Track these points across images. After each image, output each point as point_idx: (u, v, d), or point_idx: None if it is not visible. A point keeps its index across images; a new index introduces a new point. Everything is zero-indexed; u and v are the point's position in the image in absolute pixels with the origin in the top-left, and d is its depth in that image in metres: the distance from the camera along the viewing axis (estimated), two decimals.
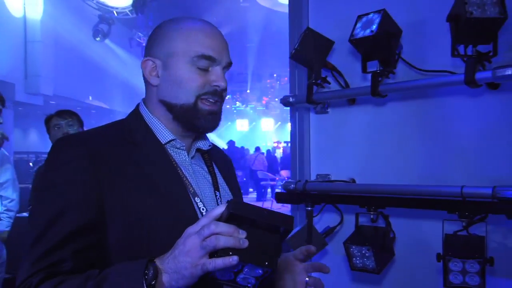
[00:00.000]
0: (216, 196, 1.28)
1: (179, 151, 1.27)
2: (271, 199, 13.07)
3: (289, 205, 2.31)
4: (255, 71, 22.17)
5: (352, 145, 2.04)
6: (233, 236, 0.96)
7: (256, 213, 0.96)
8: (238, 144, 18.65)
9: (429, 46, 1.78)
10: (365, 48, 1.76)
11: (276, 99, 23.10)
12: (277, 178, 14.50)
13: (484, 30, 1.49)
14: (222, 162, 1.42)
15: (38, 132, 16.04)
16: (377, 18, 1.67)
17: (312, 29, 1.93)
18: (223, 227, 0.95)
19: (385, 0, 1.76)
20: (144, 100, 1.31)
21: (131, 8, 10.69)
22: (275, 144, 20.15)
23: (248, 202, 0.99)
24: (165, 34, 1.24)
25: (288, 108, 2.23)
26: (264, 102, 25.43)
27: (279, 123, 26.03)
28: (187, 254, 0.97)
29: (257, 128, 26.96)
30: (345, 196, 1.88)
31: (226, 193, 1.33)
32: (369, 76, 1.79)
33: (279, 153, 18.40)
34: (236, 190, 1.41)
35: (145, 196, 1.14)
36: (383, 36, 1.66)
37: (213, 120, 1.26)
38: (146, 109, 1.28)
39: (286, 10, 2.29)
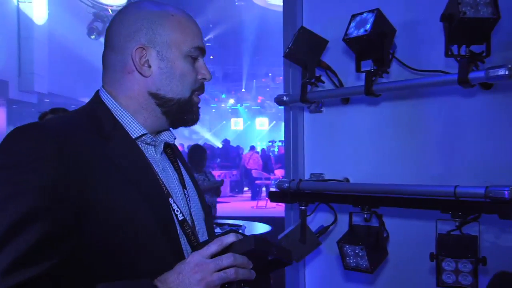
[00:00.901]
0: (185, 194, 1.20)
1: (147, 146, 1.17)
2: (266, 198, 13.07)
3: (283, 204, 2.31)
4: (250, 70, 22.21)
5: (346, 144, 2.04)
6: (246, 269, 0.98)
7: (269, 249, 1.00)
8: (233, 143, 18.65)
9: (423, 46, 1.79)
10: (359, 48, 1.75)
11: (271, 98, 23.08)
12: (272, 177, 14.51)
13: (478, 30, 1.49)
14: (180, 156, 1.33)
15: None
16: (371, 18, 1.67)
17: (306, 28, 1.93)
18: (241, 259, 0.96)
19: (379, 0, 1.76)
20: (107, 88, 1.17)
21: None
22: (270, 143, 20.14)
23: (260, 237, 1.02)
24: (154, 21, 1.13)
25: (283, 107, 2.23)
26: (259, 101, 25.46)
27: (274, 122, 26.05)
28: (199, 283, 0.94)
29: (252, 127, 26.96)
30: (339, 195, 1.88)
31: (192, 190, 1.26)
32: (363, 75, 1.79)
33: (272, 152, 18.41)
34: (197, 184, 1.34)
35: (123, 197, 1.03)
36: (377, 35, 1.66)
37: (199, 113, 1.22)
38: (112, 99, 1.15)
39: (281, 9, 2.29)
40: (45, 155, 0.97)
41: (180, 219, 1.12)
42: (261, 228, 5.43)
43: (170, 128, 1.26)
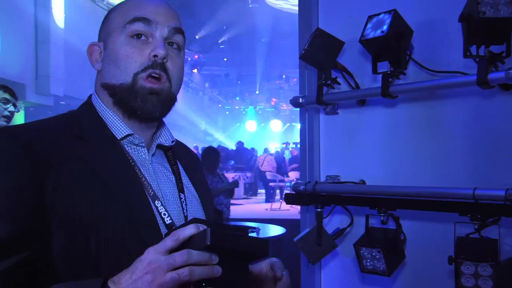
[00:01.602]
0: (180, 198, 1.15)
1: (137, 148, 1.12)
2: (280, 200, 13.06)
3: (298, 206, 2.30)
4: (264, 72, 22.23)
5: (362, 146, 2.03)
6: (207, 266, 0.85)
7: (235, 242, 0.86)
8: (246, 145, 18.67)
9: (440, 47, 1.77)
10: (375, 49, 1.74)
11: (285, 100, 23.14)
12: (285, 180, 14.48)
13: (497, 30, 1.47)
14: (188, 159, 1.29)
15: None
16: (388, 19, 1.65)
17: (322, 29, 1.92)
18: (197, 256, 0.84)
19: (396, 1, 1.75)
20: (95, 91, 1.17)
21: None
22: (284, 145, 20.12)
23: (224, 224, 0.90)
24: (106, 16, 1.15)
25: (298, 109, 2.22)
26: (273, 103, 25.46)
27: (288, 124, 26.03)
28: (150, 285, 0.83)
29: (265, 129, 26.97)
30: (355, 197, 1.87)
31: (191, 195, 1.21)
32: (379, 77, 1.78)
33: (287, 155, 18.37)
34: (204, 190, 1.27)
35: (94, 198, 0.99)
36: (394, 36, 1.65)
37: (155, 101, 1.08)
38: (99, 99, 1.13)
39: (295, 10, 2.29)
40: (7, 160, 0.96)
41: (167, 222, 1.06)
42: (276, 230, 5.42)
43: (168, 130, 1.21)
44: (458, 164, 1.73)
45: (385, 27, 1.64)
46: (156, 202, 1.07)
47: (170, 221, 1.08)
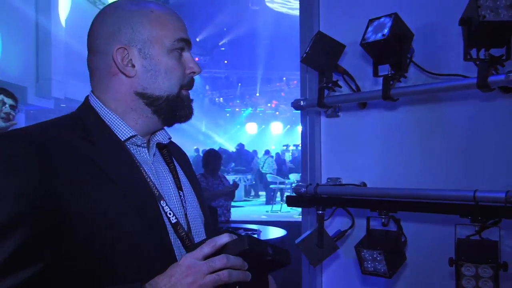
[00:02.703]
0: (180, 196, 1.18)
1: (139, 148, 1.15)
2: (280, 202, 13.06)
3: (297, 209, 2.31)
4: (265, 75, 22.24)
5: (363, 149, 2.04)
6: (241, 270, 0.95)
7: (265, 250, 0.97)
8: (247, 147, 18.67)
9: (441, 50, 1.78)
10: (376, 52, 1.75)
11: (286, 103, 23.16)
12: (286, 182, 14.48)
13: (497, 33, 1.48)
14: (181, 156, 1.32)
15: None
16: (388, 22, 1.66)
17: (323, 32, 1.93)
18: (235, 260, 0.93)
19: (396, 4, 1.76)
20: (96, 93, 1.16)
21: None
22: (284, 147, 20.12)
23: (255, 237, 1.00)
24: (133, 19, 1.10)
25: (299, 111, 2.23)
26: (273, 105, 25.47)
27: (288, 126, 26.04)
28: (190, 286, 0.91)
29: (266, 131, 26.97)
30: (356, 199, 1.88)
31: (189, 192, 1.24)
32: (380, 80, 1.79)
33: (288, 157, 18.38)
34: (198, 187, 1.30)
35: (107, 201, 1.01)
36: (395, 40, 1.66)
37: (192, 108, 1.19)
38: (99, 102, 1.14)
39: (296, 13, 2.30)
40: (20, 164, 0.95)
41: (173, 222, 1.10)
42: (277, 232, 5.43)
43: (165, 128, 1.23)
44: (459, 166, 1.74)
45: (386, 31, 1.65)
46: (162, 202, 1.10)
47: (175, 220, 1.11)
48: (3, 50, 9.72)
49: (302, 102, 2.09)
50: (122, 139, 1.12)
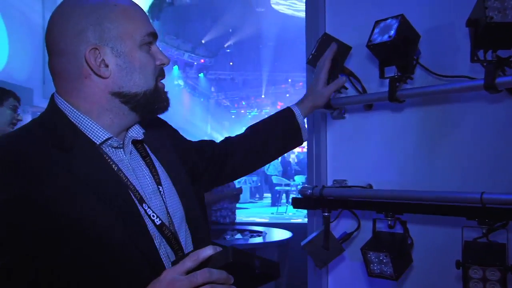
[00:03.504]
0: (160, 192, 1.16)
1: (115, 150, 1.12)
2: (286, 204, 13.05)
3: (302, 210, 2.30)
4: (270, 76, 22.23)
5: (369, 150, 2.03)
6: (226, 284, 0.92)
7: (251, 262, 0.92)
8: None
9: (447, 52, 1.77)
10: (382, 54, 1.75)
11: (291, 104, 23.08)
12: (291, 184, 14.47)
13: (505, 35, 1.47)
14: (157, 142, 1.27)
15: None
16: (395, 24, 1.66)
17: (329, 34, 1.93)
18: (218, 274, 0.89)
19: (403, 5, 1.76)
20: (63, 96, 1.11)
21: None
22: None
23: (241, 249, 0.95)
24: (99, 16, 1.05)
25: None
26: (278, 107, 25.44)
27: None
28: None
29: None
30: (362, 202, 1.87)
31: (168, 186, 1.20)
32: (386, 81, 1.78)
33: (293, 158, 18.36)
34: (177, 175, 1.25)
35: (89, 212, 0.99)
36: (401, 41, 1.66)
37: (168, 99, 1.19)
38: (69, 105, 1.09)
39: (302, 15, 2.30)
40: None
41: (157, 224, 1.08)
42: (282, 234, 5.42)
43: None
44: (466, 168, 1.73)
45: (392, 32, 1.65)
46: (144, 205, 1.08)
47: (160, 221, 1.09)
48: (10, 53, 9.78)
49: None
50: (97, 143, 1.09)
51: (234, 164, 1.58)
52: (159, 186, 1.17)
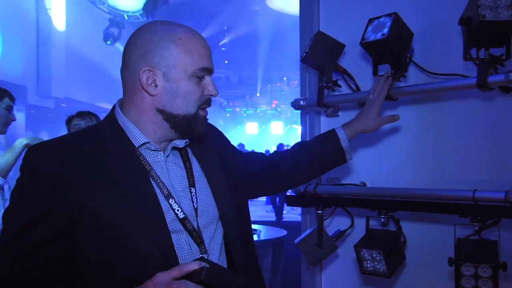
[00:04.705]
0: (191, 193, 1.29)
1: (154, 152, 1.28)
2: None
3: (299, 208, 2.30)
4: (265, 75, 22.21)
5: (363, 148, 2.03)
6: None
7: (225, 283, 1.04)
8: (247, 148, 18.66)
9: (441, 50, 1.78)
10: (376, 52, 1.75)
11: (286, 102, 23.12)
12: None
13: (497, 33, 1.48)
14: (202, 149, 1.40)
15: (49, 135, 16.13)
16: (388, 22, 1.66)
17: (323, 32, 1.93)
18: (192, 287, 1.02)
19: (396, 4, 1.76)
20: (122, 103, 1.30)
21: (141, 11, 10.72)
22: (285, 148, 20.12)
23: (223, 268, 1.10)
24: (163, 44, 1.21)
25: (299, 111, 2.23)
26: (273, 105, 25.44)
27: (289, 126, 26.03)
28: None
29: (266, 131, 26.96)
30: (356, 199, 1.88)
31: (203, 187, 1.33)
32: None
33: None
34: (218, 179, 1.38)
35: (114, 203, 1.16)
36: (395, 39, 1.66)
37: (206, 125, 1.32)
38: (121, 113, 1.28)
39: (297, 13, 2.29)
40: (47, 174, 1.15)
41: (181, 217, 1.22)
42: (277, 232, 5.42)
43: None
44: (459, 166, 1.74)
45: (385, 30, 1.65)
46: (170, 200, 1.23)
47: (183, 215, 1.23)
48: (4, 50, 9.72)
49: (301, 101, 2.09)
50: (136, 145, 1.24)
51: (279, 180, 1.66)
52: (191, 188, 1.29)
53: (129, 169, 1.21)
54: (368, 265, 1.76)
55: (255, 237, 4.93)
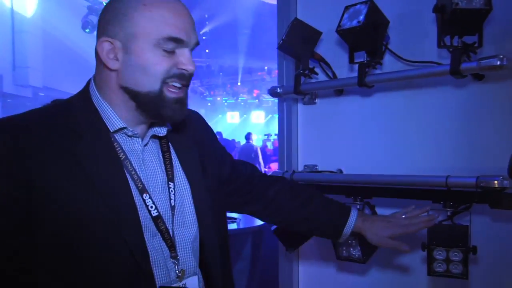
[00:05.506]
0: (169, 188, 1.17)
1: (130, 139, 1.15)
2: None
3: None
4: (246, 64, 22.12)
5: (339, 135, 2.04)
6: None
7: None
8: (229, 137, 18.62)
9: (416, 37, 1.79)
10: (352, 39, 1.76)
11: (267, 92, 23.01)
12: (268, 171, 14.51)
13: (470, 21, 1.49)
14: (184, 142, 1.27)
15: None
16: (364, 9, 1.67)
17: (299, 19, 1.93)
18: None
19: None
20: (96, 82, 1.16)
21: None
22: (266, 137, 20.13)
23: None
24: (124, 12, 1.08)
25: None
26: (255, 94, 25.38)
27: (270, 115, 26.03)
28: None
29: (248, 120, 26.93)
30: (332, 186, 1.89)
31: (182, 183, 1.22)
32: (356, 67, 1.80)
33: (269, 146, 18.38)
34: (199, 174, 1.25)
35: (81, 196, 1.04)
36: (370, 26, 1.67)
37: (180, 109, 1.14)
38: (97, 92, 1.14)
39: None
40: (2, 159, 1.01)
41: (154, 215, 1.11)
42: (256, 221, 5.44)
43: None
44: (432, 153, 1.76)
45: (361, 17, 1.66)
46: (144, 195, 1.11)
47: (157, 213, 1.12)
48: None
49: (278, 89, 2.09)
50: (112, 130, 1.12)
51: (267, 210, 1.52)
52: (169, 182, 1.18)
53: (101, 158, 1.08)
54: (344, 251, 1.78)
55: (235, 226, 4.95)
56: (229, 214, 5.53)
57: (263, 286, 4.83)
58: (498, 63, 1.45)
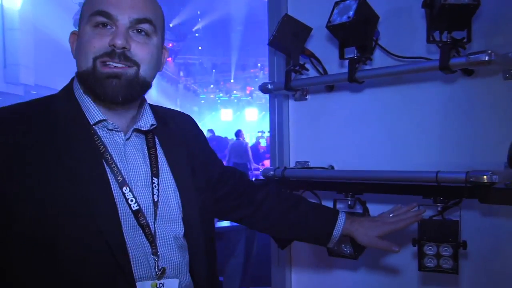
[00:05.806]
0: (153, 183, 1.15)
1: (112, 132, 1.14)
2: None
3: None
4: (239, 61, 22.12)
5: (331, 131, 2.04)
6: None
7: None
8: (222, 134, 18.60)
9: (406, 33, 1.79)
10: (342, 35, 1.76)
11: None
12: (261, 168, 14.50)
13: (459, 16, 1.49)
14: (172, 139, 1.27)
15: None
16: (354, 4, 1.66)
17: (290, 15, 1.92)
18: None
19: None
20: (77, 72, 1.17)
21: None
22: (259, 134, 20.13)
23: None
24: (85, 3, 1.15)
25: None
26: (248, 91, 25.40)
27: (263, 112, 26.04)
28: None
29: (241, 117, 26.93)
30: (323, 182, 1.89)
31: (167, 179, 1.21)
32: (347, 62, 1.79)
33: (263, 143, 18.39)
34: (184, 171, 1.24)
35: (58, 188, 1.03)
36: (360, 22, 1.66)
37: (115, 86, 1.08)
38: (78, 84, 1.16)
39: None
40: None
41: (134, 209, 1.09)
42: None
43: (151, 113, 1.22)
44: (423, 148, 1.76)
45: (351, 13, 1.66)
46: (124, 188, 1.09)
47: (137, 207, 1.10)
48: None
49: (269, 85, 2.08)
50: (92, 123, 1.11)
51: (255, 215, 1.51)
52: (153, 178, 1.16)
53: (79, 151, 1.07)
54: (335, 248, 1.78)
55: (228, 223, 4.94)
56: None
57: (256, 282, 4.85)
58: (487, 58, 1.45)
